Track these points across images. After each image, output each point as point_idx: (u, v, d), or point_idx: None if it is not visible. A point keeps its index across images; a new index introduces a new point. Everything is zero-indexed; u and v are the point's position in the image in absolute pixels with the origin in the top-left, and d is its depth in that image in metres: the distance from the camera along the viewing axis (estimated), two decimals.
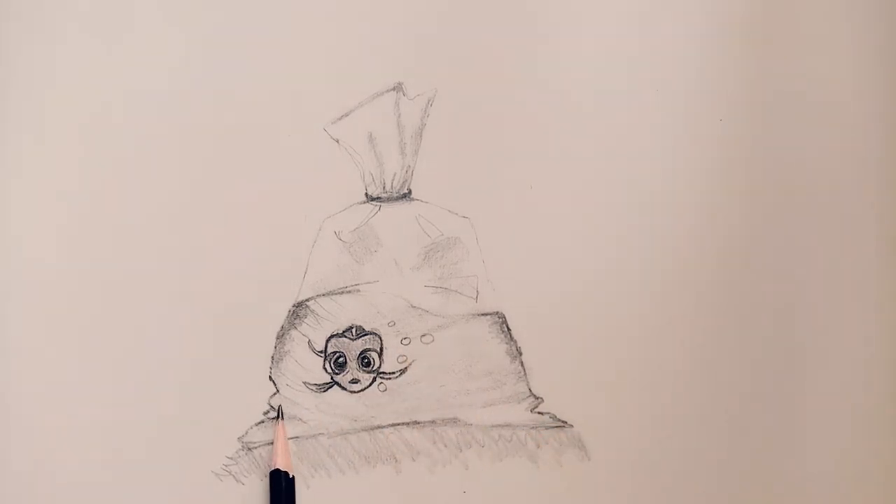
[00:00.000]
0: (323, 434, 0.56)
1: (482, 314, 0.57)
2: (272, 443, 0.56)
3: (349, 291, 0.57)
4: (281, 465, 0.55)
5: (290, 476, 0.55)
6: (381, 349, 0.57)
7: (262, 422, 0.56)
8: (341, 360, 0.57)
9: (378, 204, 0.57)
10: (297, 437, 0.56)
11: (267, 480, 0.56)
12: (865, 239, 0.58)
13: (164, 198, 0.57)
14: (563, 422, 0.57)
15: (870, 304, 0.57)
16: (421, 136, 0.58)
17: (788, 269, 0.57)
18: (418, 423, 0.57)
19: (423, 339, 0.57)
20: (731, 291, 0.57)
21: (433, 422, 0.57)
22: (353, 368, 0.57)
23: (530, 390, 0.57)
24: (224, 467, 0.56)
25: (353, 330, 0.57)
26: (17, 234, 0.56)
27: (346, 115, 0.58)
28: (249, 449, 0.56)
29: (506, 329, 0.57)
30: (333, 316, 0.57)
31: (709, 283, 0.57)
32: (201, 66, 0.57)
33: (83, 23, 0.57)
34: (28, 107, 0.57)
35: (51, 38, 0.57)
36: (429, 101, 0.58)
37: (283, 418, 0.56)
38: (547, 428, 0.57)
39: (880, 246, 0.57)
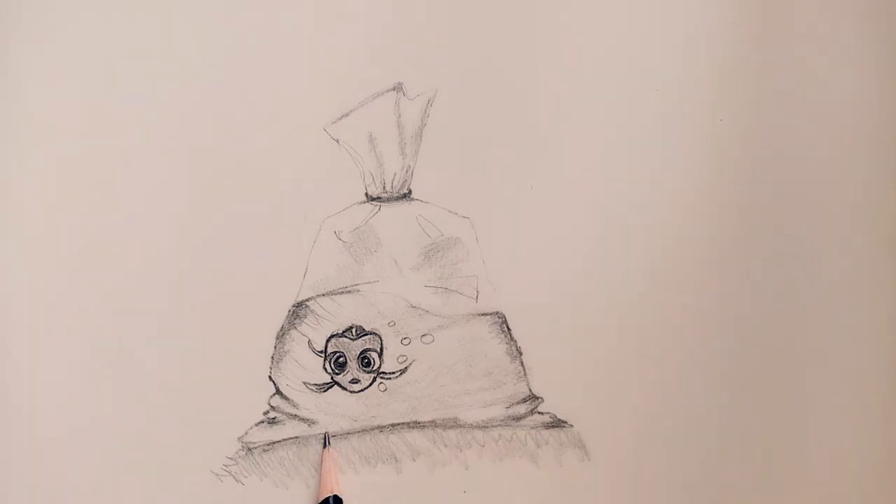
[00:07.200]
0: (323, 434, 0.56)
1: (482, 314, 0.57)
2: (272, 443, 0.56)
3: (349, 291, 0.57)
4: (336, 491, 0.55)
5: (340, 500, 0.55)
6: (382, 349, 0.57)
7: (262, 422, 0.56)
8: (341, 360, 0.57)
9: (378, 204, 0.57)
10: (296, 438, 0.56)
11: (267, 480, 0.56)
12: (865, 239, 0.58)
13: (164, 197, 0.57)
14: (563, 422, 0.57)
15: (869, 304, 0.57)
16: (421, 136, 0.58)
17: (788, 268, 0.57)
18: (418, 423, 0.57)
19: (423, 339, 0.57)
20: (730, 291, 0.57)
21: (433, 422, 0.57)
22: (353, 368, 0.57)
23: (530, 390, 0.57)
24: (224, 467, 0.56)
25: (354, 330, 0.57)
26: (18, 235, 0.56)
27: (346, 115, 0.58)
28: (249, 449, 0.56)
29: (506, 329, 0.57)
30: (333, 316, 0.57)
31: (708, 283, 0.57)
32: (201, 66, 0.57)
33: (84, 23, 0.57)
34: (28, 108, 0.57)
35: (51, 39, 0.57)
36: (429, 101, 0.58)
37: (329, 445, 0.56)
38: (547, 428, 0.56)
39: (880, 246, 0.57)
